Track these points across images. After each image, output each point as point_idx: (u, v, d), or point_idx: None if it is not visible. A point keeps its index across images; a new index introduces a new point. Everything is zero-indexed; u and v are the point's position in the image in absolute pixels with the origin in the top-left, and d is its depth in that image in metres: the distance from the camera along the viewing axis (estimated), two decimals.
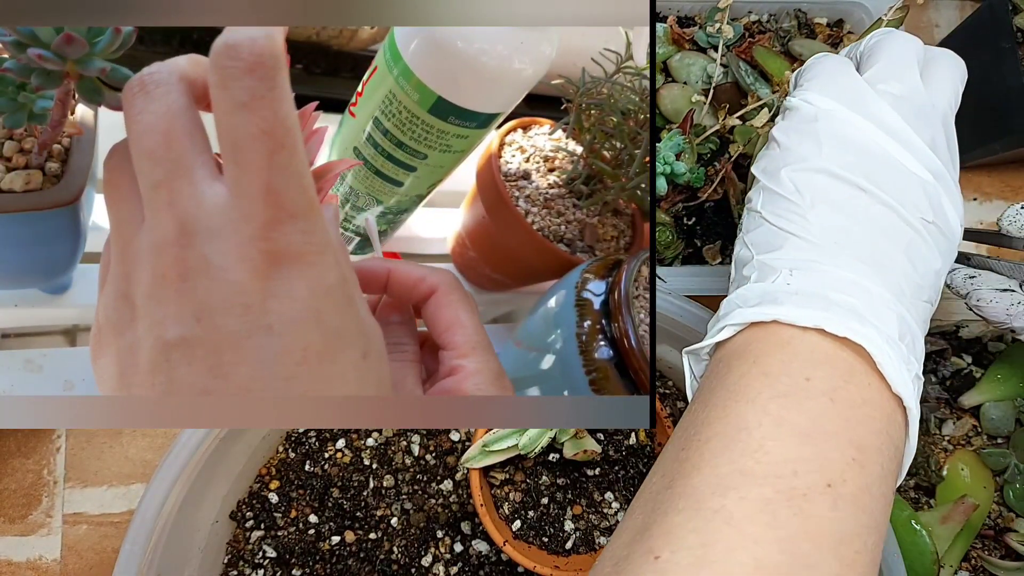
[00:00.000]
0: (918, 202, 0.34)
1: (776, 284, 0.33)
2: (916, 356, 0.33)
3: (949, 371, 0.58)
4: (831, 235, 0.33)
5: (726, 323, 0.34)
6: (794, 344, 0.31)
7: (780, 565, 0.25)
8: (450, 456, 0.53)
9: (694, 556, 0.25)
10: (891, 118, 0.35)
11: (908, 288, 0.33)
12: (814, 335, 0.31)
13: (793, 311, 0.31)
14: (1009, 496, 0.55)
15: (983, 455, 0.56)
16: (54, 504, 0.57)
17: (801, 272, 0.33)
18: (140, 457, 0.59)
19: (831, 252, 0.33)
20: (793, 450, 0.28)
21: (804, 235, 0.34)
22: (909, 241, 0.34)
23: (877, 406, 0.30)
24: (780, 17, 0.66)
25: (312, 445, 0.54)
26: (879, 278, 0.32)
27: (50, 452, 0.58)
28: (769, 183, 0.36)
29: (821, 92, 0.36)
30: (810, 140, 0.35)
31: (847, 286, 0.32)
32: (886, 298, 0.32)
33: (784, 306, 0.32)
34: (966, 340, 0.60)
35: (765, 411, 0.29)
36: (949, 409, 0.58)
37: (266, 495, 0.53)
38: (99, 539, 0.57)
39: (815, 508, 0.27)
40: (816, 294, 0.32)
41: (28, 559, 0.56)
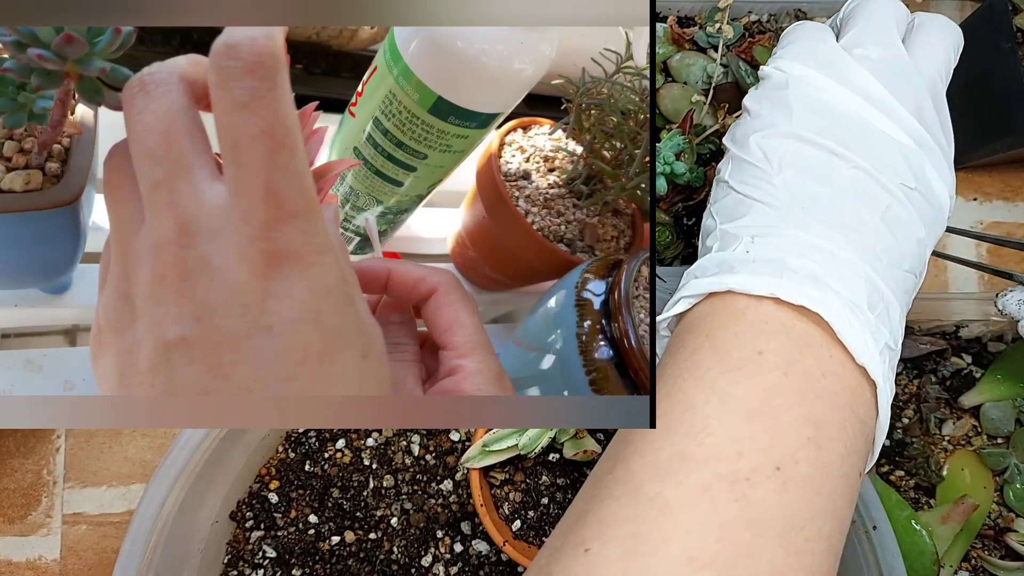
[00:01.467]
0: (897, 166, 0.32)
1: (736, 252, 0.31)
2: (890, 327, 0.30)
3: (949, 371, 0.58)
4: (798, 200, 0.31)
5: (681, 295, 0.32)
6: (748, 315, 0.29)
7: (716, 555, 0.24)
8: (450, 456, 0.53)
9: (623, 548, 0.24)
10: (868, 82, 0.33)
11: (885, 255, 0.31)
12: (769, 304, 0.29)
13: (747, 279, 0.29)
14: (1009, 496, 0.55)
15: (983, 455, 0.56)
16: (54, 504, 0.57)
17: (763, 239, 0.31)
18: (140, 457, 0.58)
19: (797, 217, 0.31)
20: (739, 429, 0.26)
21: (769, 200, 0.32)
22: (887, 206, 0.31)
23: (839, 379, 0.28)
24: (780, 17, 0.66)
25: (312, 445, 0.54)
26: (848, 243, 0.30)
27: (50, 452, 0.58)
28: (738, 151, 0.35)
29: (795, 59, 0.35)
30: (780, 107, 0.34)
31: (808, 250, 0.30)
32: (854, 263, 0.30)
33: (739, 275, 0.30)
34: (966, 340, 0.60)
35: (712, 388, 0.27)
36: (949, 409, 0.58)
37: (266, 495, 0.53)
38: (99, 539, 0.57)
39: (759, 492, 0.25)
40: (773, 260, 0.30)
41: (28, 559, 0.56)
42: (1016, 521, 0.55)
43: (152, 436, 0.59)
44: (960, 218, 0.68)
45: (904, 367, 0.59)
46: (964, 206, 0.68)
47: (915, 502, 0.56)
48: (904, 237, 0.32)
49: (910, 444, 0.56)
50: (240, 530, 0.52)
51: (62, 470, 0.58)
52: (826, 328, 0.28)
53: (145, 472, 0.58)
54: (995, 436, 0.57)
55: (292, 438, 0.54)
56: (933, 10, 0.72)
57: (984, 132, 0.64)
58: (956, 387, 0.58)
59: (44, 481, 0.58)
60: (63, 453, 0.58)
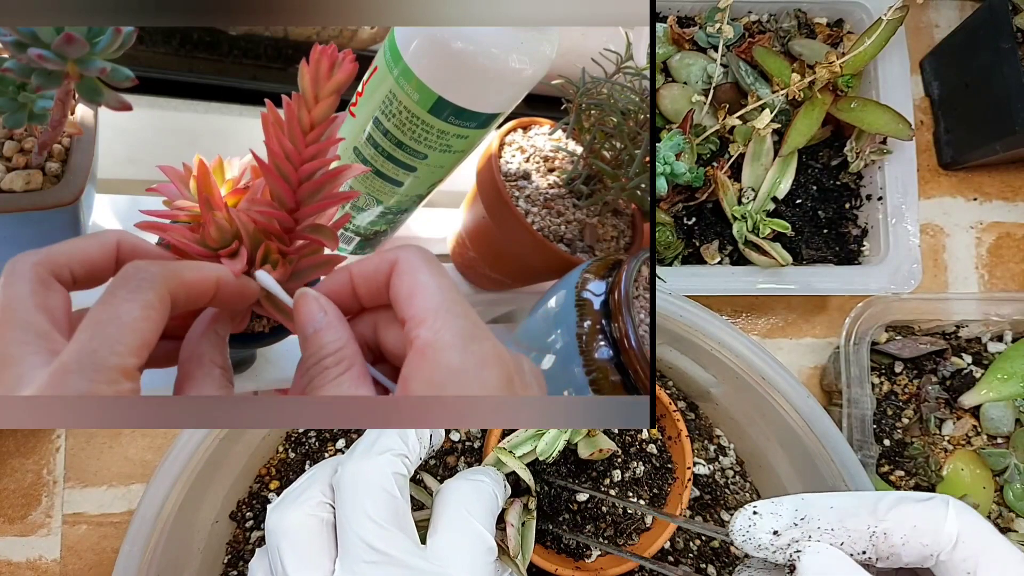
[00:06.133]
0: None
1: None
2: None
3: (949, 371, 0.58)
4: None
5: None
6: None
7: None
8: (450, 456, 0.53)
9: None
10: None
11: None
12: None
13: None
14: (1009, 496, 0.55)
15: (983, 455, 0.56)
16: (54, 504, 0.57)
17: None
18: (140, 457, 0.59)
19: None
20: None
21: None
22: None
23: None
24: (780, 17, 0.66)
25: (312, 445, 0.54)
26: None
27: (50, 452, 0.58)
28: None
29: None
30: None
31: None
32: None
33: None
34: (966, 340, 0.60)
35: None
36: (949, 409, 0.58)
37: (266, 495, 0.53)
38: (99, 539, 0.57)
39: None
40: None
41: (28, 559, 0.56)
42: (1016, 521, 0.55)
43: (152, 436, 0.59)
44: (960, 218, 0.68)
45: (904, 367, 0.59)
46: (964, 206, 0.69)
47: None
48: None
49: (910, 444, 0.56)
50: (240, 530, 0.52)
51: (62, 470, 0.58)
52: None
53: (145, 472, 0.58)
54: (995, 436, 0.57)
55: (292, 438, 0.54)
56: (933, 10, 0.72)
57: (984, 132, 0.64)
58: (956, 387, 0.58)
59: (44, 481, 0.58)
60: (63, 453, 0.58)
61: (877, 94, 0.62)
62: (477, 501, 0.35)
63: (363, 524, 0.31)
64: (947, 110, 0.68)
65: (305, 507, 0.33)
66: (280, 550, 0.32)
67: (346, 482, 0.32)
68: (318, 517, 0.33)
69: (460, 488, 0.36)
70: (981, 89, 0.63)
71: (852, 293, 0.59)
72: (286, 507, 0.33)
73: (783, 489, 0.52)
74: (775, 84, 0.62)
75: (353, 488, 0.32)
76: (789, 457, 0.51)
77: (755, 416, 0.52)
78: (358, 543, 0.31)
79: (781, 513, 0.30)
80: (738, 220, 0.60)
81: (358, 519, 0.31)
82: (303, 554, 0.31)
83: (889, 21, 0.58)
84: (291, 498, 0.33)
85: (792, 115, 0.60)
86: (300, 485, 0.34)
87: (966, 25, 0.66)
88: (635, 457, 0.50)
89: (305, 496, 0.33)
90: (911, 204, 0.61)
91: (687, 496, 0.47)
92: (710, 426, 0.56)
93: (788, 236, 0.61)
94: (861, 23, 0.65)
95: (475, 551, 0.33)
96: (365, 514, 0.31)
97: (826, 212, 0.63)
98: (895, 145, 0.61)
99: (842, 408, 0.55)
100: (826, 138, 0.64)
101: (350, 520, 0.32)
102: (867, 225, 0.63)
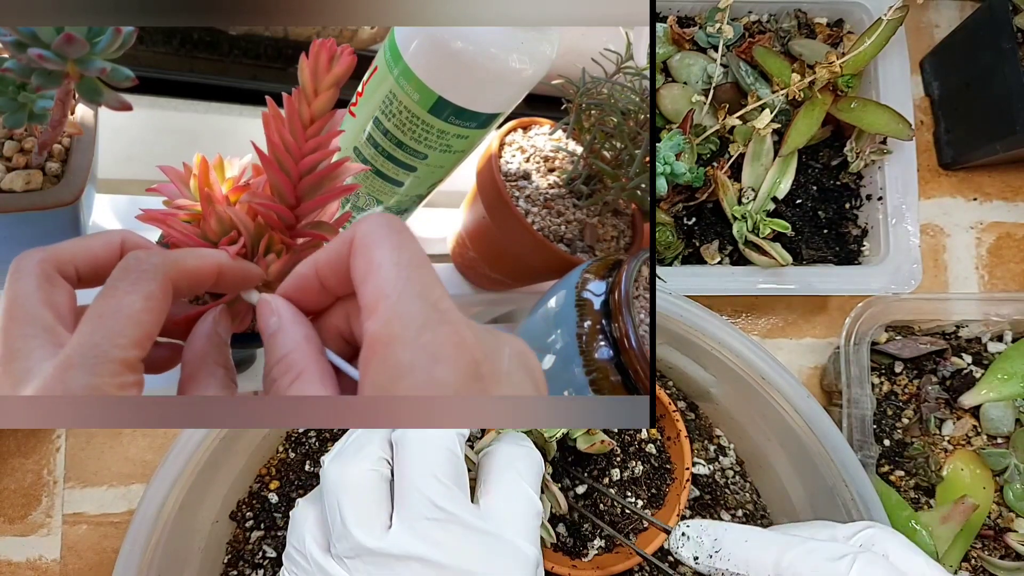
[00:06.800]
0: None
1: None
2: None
3: (949, 371, 0.58)
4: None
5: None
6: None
7: None
8: None
9: None
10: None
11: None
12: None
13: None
14: (1009, 496, 0.55)
15: (983, 455, 0.56)
16: (54, 504, 0.57)
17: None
18: (140, 457, 0.59)
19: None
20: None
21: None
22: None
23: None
24: (780, 17, 0.66)
25: (312, 445, 0.54)
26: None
27: (50, 452, 0.58)
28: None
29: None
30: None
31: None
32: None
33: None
34: (966, 340, 0.60)
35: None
36: (949, 409, 0.58)
37: (266, 495, 0.53)
38: (99, 539, 0.57)
39: None
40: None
41: (28, 559, 0.56)
42: (1016, 521, 0.55)
43: (152, 436, 0.59)
44: (960, 218, 0.68)
45: (904, 367, 0.59)
46: (964, 206, 0.69)
47: (915, 502, 0.56)
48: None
49: (910, 444, 0.56)
50: (240, 530, 0.52)
51: (62, 470, 0.58)
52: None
53: (145, 472, 0.58)
54: (995, 436, 0.57)
55: (292, 438, 0.54)
56: (933, 10, 0.72)
57: (984, 132, 0.64)
58: (956, 387, 0.58)
59: (44, 481, 0.58)
60: (63, 453, 0.58)
61: (877, 94, 0.62)
62: (527, 465, 0.36)
63: (428, 482, 0.32)
64: (947, 110, 0.68)
65: (366, 462, 0.33)
66: (340, 503, 0.32)
67: (412, 439, 0.33)
68: (378, 472, 0.33)
69: (511, 451, 0.36)
70: (981, 89, 0.63)
71: (852, 293, 0.59)
72: (347, 460, 0.33)
73: (783, 489, 0.52)
74: (775, 84, 0.62)
75: (421, 445, 0.32)
76: (789, 457, 0.51)
77: (755, 416, 0.52)
78: (422, 500, 0.31)
79: (703, 540, 0.34)
80: (738, 220, 0.60)
81: (423, 477, 0.32)
82: (363, 508, 0.32)
83: (889, 21, 0.58)
84: (351, 452, 0.34)
85: (792, 115, 0.60)
86: (357, 440, 0.34)
87: (966, 25, 0.66)
88: (634, 457, 0.50)
89: (366, 451, 0.33)
90: (911, 204, 0.61)
91: (685, 496, 0.47)
92: (710, 426, 0.56)
93: (788, 236, 0.61)
94: (861, 23, 0.65)
95: (527, 513, 0.34)
96: (431, 472, 0.32)
97: (826, 212, 0.63)
98: (895, 145, 0.61)
99: (842, 408, 0.55)
100: (826, 138, 0.64)
101: (414, 477, 0.32)
102: (867, 225, 0.63)
